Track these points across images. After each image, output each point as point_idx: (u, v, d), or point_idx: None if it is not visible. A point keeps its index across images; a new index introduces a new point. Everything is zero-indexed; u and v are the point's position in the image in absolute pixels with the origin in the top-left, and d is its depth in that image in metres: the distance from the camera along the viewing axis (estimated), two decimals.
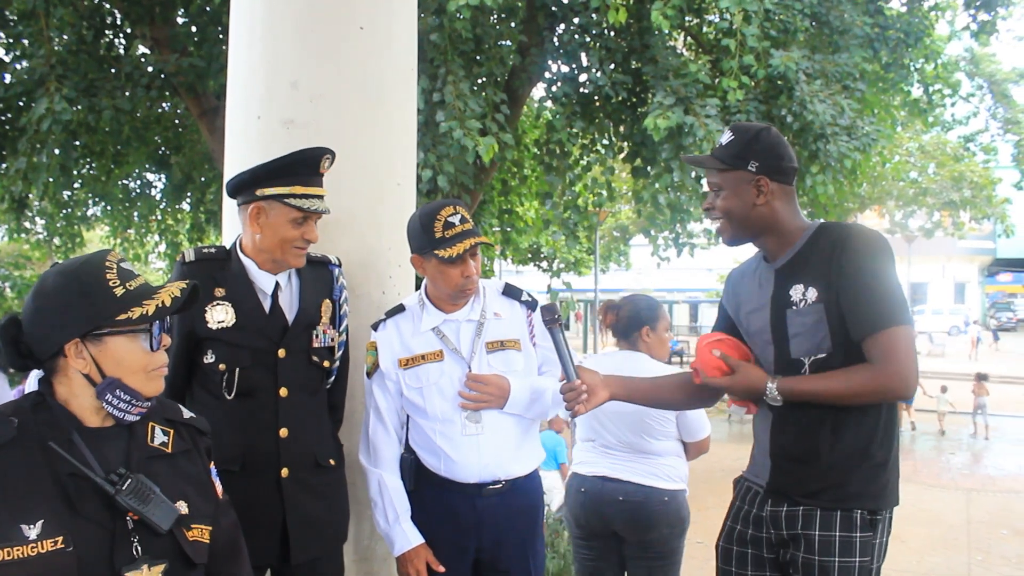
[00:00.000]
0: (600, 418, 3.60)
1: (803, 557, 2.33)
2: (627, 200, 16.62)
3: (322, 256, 2.81)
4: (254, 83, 3.03)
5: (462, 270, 2.68)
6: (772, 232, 2.43)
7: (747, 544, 2.50)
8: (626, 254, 24.96)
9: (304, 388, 2.66)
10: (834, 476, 2.30)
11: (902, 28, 9.15)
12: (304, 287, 2.70)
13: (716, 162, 2.44)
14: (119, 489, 1.68)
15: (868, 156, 8.31)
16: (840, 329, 2.27)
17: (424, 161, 6.84)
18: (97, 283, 1.73)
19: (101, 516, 1.68)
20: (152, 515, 1.70)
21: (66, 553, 1.61)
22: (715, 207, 2.47)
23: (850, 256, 2.26)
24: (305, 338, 2.66)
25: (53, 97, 6.88)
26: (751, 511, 2.49)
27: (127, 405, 1.75)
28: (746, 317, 2.54)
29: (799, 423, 2.35)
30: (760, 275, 2.52)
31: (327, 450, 2.72)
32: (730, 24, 7.50)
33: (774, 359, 2.42)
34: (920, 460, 12.44)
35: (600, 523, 3.63)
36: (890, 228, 28.35)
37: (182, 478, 1.85)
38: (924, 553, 7.55)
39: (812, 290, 2.31)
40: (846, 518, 2.30)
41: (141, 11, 7.85)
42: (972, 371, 17.94)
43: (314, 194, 2.57)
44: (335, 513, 2.74)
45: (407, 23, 3.25)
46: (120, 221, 12.43)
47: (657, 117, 7.08)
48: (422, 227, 2.69)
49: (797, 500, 2.36)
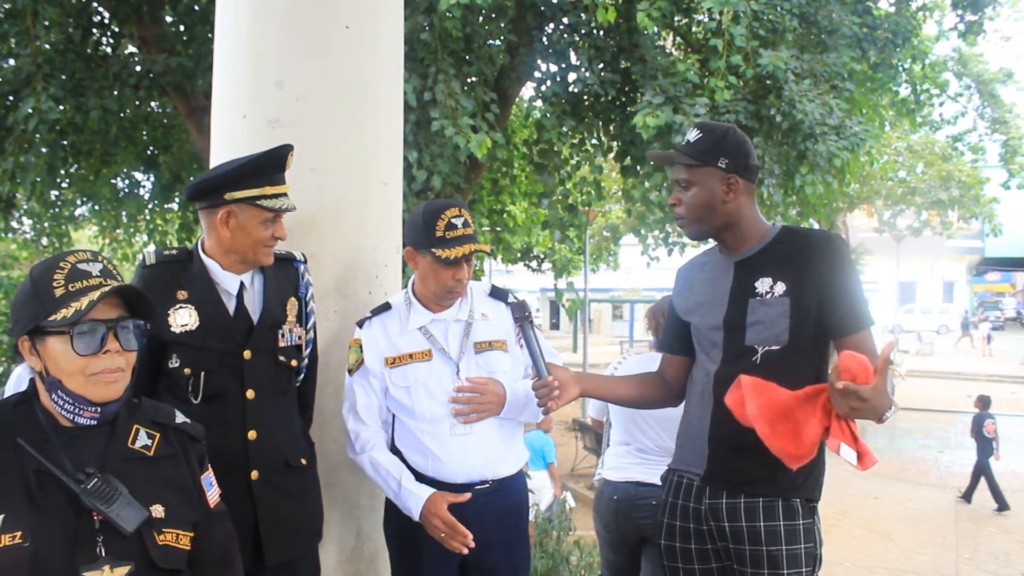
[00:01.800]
0: (639, 422, 3.62)
1: (750, 549, 2.39)
2: (617, 199, 16.64)
3: (287, 253, 2.77)
4: (240, 82, 3.02)
5: (455, 273, 2.69)
6: (735, 227, 2.52)
7: (689, 538, 2.54)
8: (615, 254, 24.98)
9: (272, 389, 2.63)
10: (774, 465, 2.33)
11: (890, 28, 9.18)
12: (268, 286, 2.66)
13: (686, 158, 2.50)
14: (83, 487, 1.67)
15: (856, 155, 8.33)
16: (799, 325, 2.37)
17: (418, 161, 6.83)
18: (44, 282, 1.73)
19: (65, 514, 1.68)
20: (116, 515, 1.69)
21: (22, 548, 1.61)
22: (682, 202, 2.54)
23: (834, 261, 2.38)
24: (271, 338, 2.62)
25: (40, 96, 6.85)
26: (688, 505, 2.54)
27: (73, 407, 1.74)
28: (697, 306, 2.60)
29: (733, 419, 2.37)
30: (715, 267, 2.60)
31: (298, 450, 2.69)
32: (718, 24, 7.51)
33: (722, 346, 2.48)
34: (907, 459, 12.49)
35: (632, 528, 3.63)
36: (879, 227, 28.44)
37: (162, 482, 1.83)
38: (912, 551, 7.59)
39: (780, 284, 2.40)
40: (788, 507, 2.39)
41: (129, 10, 7.82)
42: (981, 371, 17.93)
43: (282, 192, 2.55)
44: (308, 513, 2.71)
45: (393, 23, 3.25)
46: (108, 221, 12.36)
47: (646, 115, 7.09)
48: (424, 223, 2.69)
49: (737, 488, 2.42)
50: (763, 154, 7.77)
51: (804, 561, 2.38)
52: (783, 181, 8.24)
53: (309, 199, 2.96)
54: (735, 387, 2.33)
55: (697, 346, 2.62)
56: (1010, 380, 23.59)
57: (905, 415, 15.92)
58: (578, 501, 8.72)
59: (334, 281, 3.01)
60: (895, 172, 21.90)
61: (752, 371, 2.38)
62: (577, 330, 31.06)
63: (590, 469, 10.45)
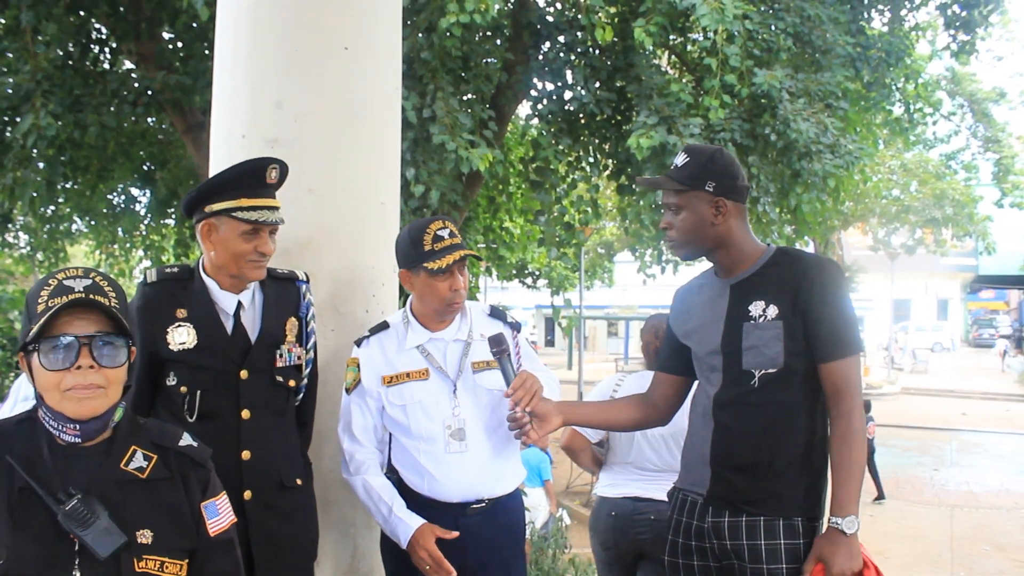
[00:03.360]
0: (640, 442, 3.61)
1: (751, 567, 2.39)
2: (612, 217, 16.67)
3: (289, 272, 2.77)
4: (239, 102, 3.04)
5: (450, 283, 2.69)
6: (726, 247, 2.53)
7: (692, 555, 2.54)
8: (610, 271, 25.00)
9: (268, 408, 2.62)
10: (775, 485, 2.39)
11: (883, 48, 9.25)
12: (268, 305, 2.65)
13: (674, 183, 2.52)
14: (62, 509, 1.65)
15: (851, 174, 8.38)
16: (793, 348, 2.39)
17: (416, 176, 6.85)
18: (32, 299, 1.74)
19: (45, 534, 1.67)
20: (91, 540, 1.66)
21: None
22: (673, 226, 2.56)
23: (823, 285, 2.39)
24: (268, 358, 2.62)
25: (39, 113, 6.87)
26: (691, 523, 2.54)
27: (57, 424, 1.73)
28: (695, 330, 2.61)
29: (741, 434, 2.43)
30: (711, 290, 2.61)
31: (293, 470, 2.67)
32: (713, 43, 7.56)
33: (722, 370, 2.49)
34: (903, 476, 12.48)
35: (629, 545, 3.61)
36: (873, 245, 28.49)
37: (154, 507, 1.79)
38: (907, 569, 7.58)
39: (773, 307, 2.42)
40: (789, 527, 2.39)
41: (127, 27, 7.85)
42: (975, 389, 17.95)
43: (263, 205, 2.51)
44: (302, 533, 2.70)
45: (391, 43, 3.27)
46: (104, 236, 12.37)
47: (640, 136, 7.13)
48: (411, 241, 2.70)
49: (739, 508, 2.43)
50: (758, 172, 7.81)
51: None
52: (778, 199, 8.27)
53: (307, 218, 2.97)
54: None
55: (697, 369, 2.64)
56: (1004, 398, 23.63)
57: (900, 433, 15.93)
58: (574, 519, 8.69)
59: (331, 300, 3.02)
60: (889, 190, 21.99)
61: (751, 395, 2.42)
62: (572, 347, 31.04)
63: (585, 487, 10.43)
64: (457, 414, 2.74)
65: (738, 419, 2.44)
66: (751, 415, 2.42)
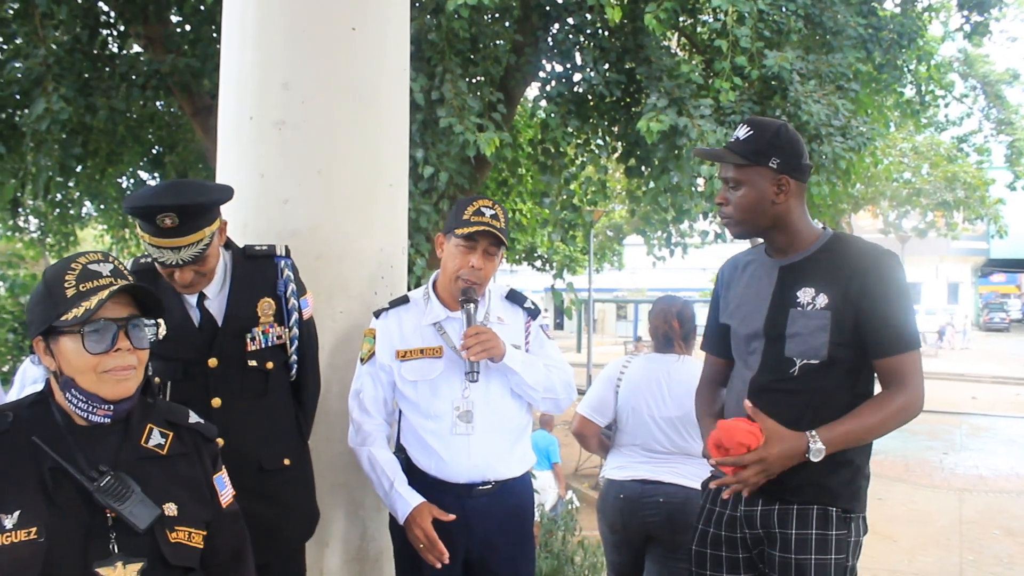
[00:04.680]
0: (649, 424, 3.60)
1: (779, 556, 2.35)
2: (621, 199, 16.63)
3: (267, 248, 2.71)
4: (246, 84, 3.04)
5: (471, 258, 2.69)
6: (783, 227, 2.43)
7: (720, 546, 2.50)
8: (620, 253, 24.95)
9: (243, 395, 2.59)
10: (812, 475, 2.30)
11: (895, 29, 9.16)
12: (236, 290, 2.60)
13: (736, 157, 2.40)
14: (97, 485, 1.70)
15: (862, 157, 8.32)
16: (839, 339, 2.30)
17: (424, 158, 6.84)
18: (56, 284, 1.76)
19: (79, 511, 1.71)
20: (128, 513, 1.71)
21: (36, 543, 1.64)
22: (729, 202, 2.44)
23: (880, 278, 2.30)
24: (238, 344, 2.58)
25: (50, 97, 6.88)
26: (723, 512, 2.49)
27: (87, 406, 1.76)
28: (736, 310, 2.53)
29: (778, 422, 2.33)
30: (760, 269, 2.51)
31: (277, 452, 2.65)
32: (723, 24, 7.50)
33: (762, 354, 2.41)
34: (912, 460, 12.45)
35: (638, 527, 3.60)
36: (884, 228, 28.40)
37: (176, 481, 1.85)
38: (915, 553, 7.57)
39: (823, 296, 2.32)
40: (822, 515, 2.34)
41: (135, 10, 7.83)
42: (986, 373, 17.83)
43: (162, 246, 2.36)
44: (287, 515, 2.67)
45: (399, 24, 3.26)
46: (115, 220, 12.40)
47: (650, 120, 7.09)
48: (457, 208, 2.75)
49: (772, 496, 2.37)
50: None
51: (833, 571, 2.33)
52: None
53: (315, 200, 2.98)
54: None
55: (734, 351, 2.56)
56: (1014, 382, 23.52)
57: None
58: (582, 501, 8.71)
59: (340, 282, 3.03)
60: (900, 173, 21.87)
61: (789, 383, 2.35)
62: (581, 330, 31.02)
63: (594, 469, 10.44)
64: (467, 395, 2.73)
65: (775, 408, 2.33)
66: (789, 403, 2.34)
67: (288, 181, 2.94)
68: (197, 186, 2.49)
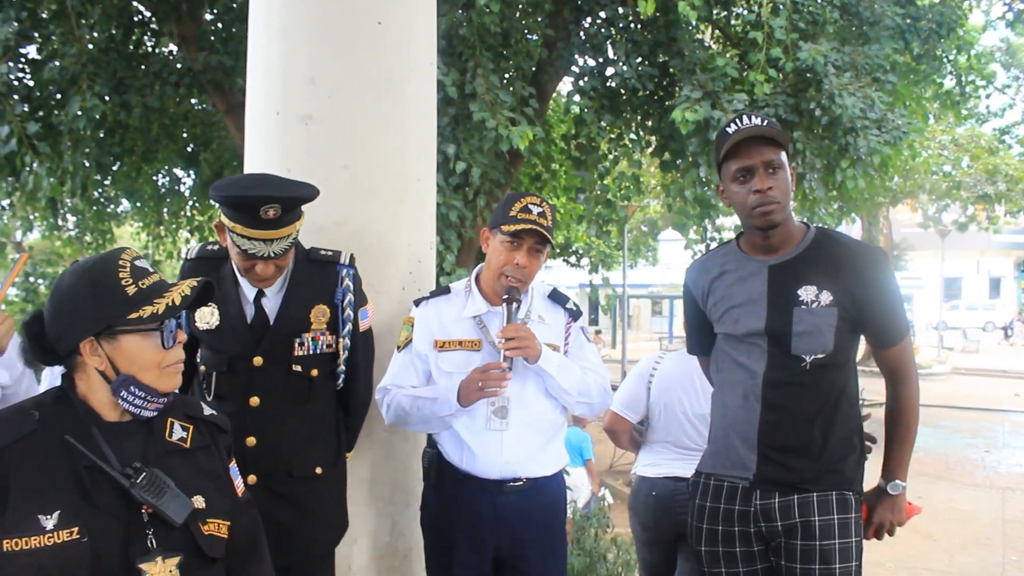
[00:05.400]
0: (682, 421, 3.56)
1: (802, 544, 2.38)
2: (656, 195, 16.53)
3: (332, 254, 2.72)
4: (272, 79, 3.04)
5: (516, 256, 2.67)
6: (785, 221, 2.45)
7: (733, 542, 2.50)
8: (654, 249, 24.86)
9: (284, 398, 2.58)
10: (830, 463, 2.41)
11: (934, 18, 8.99)
12: (293, 293, 2.61)
13: (781, 138, 2.40)
14: (133, 482, 1.70)
15: (899, 150, 8.18)
16: (843, 334, 2.39)
17: (456, 154, 6.83)
18: (109, 282, 1.75)
19: (116, 508, 1.71)
20: (166, 508, 1.72)
21: (81, 543, 1.64)
22: (774, 187, 2.39)
23: (877, 272, 2.41)
24: (286, 346, 2.58)
25: (85, 95, 6.96)
26: (733, 508, 2.49)
27: (142, 401, 1.77)
28: (727, 313, 2.52)
29: (795, 416, 2.41)
30: (742, 271, 2.51)
31: (310, 460, 2.64)
32: (757, 16, 7.41)
33: (767, 354, 2.43)
34: (953, 458, 12.25)
35: (670, 525, 3.55)
36: (923, 222, 27.99)
37: (200, 473, 1.87)
38: (956, 552, 7.44)
39: (827, 293, 2.38)
40: (842, 500, 2.41)
41: (168, 9, 7.90)
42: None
43: (257, 237, 2.41)
44: (312, 522, 2.65)
45: (425, 17, 3.24)
46: (151, 217, 12.53)
47: (685, 110, 7.02)
48: (504, 203, 2.73)
49: (790, 488, 2.41)
50: (803, 148, 7.66)
51: (854, 554, 2.40)
52: (824, 176, 8.12)
53: (341, 195, 2.97)
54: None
55: (729, 348, 2.55)
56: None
57: (950, 413, 15.64)
58: (616, 498, 8.66)
59: (367, 278, 3.00)
60: (940, 166, 21.50)
61: (804, 376, 2.40)
62: (616, 326, 30.94)
63: (628, 466, 10.38)
64: (503, 391, 2.70)
65: (792, 401, 2.40)
66: (805, 396, 2.40)
67: (314, 176, 2.92)
68: (285, 181, 2.53)
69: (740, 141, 2.40)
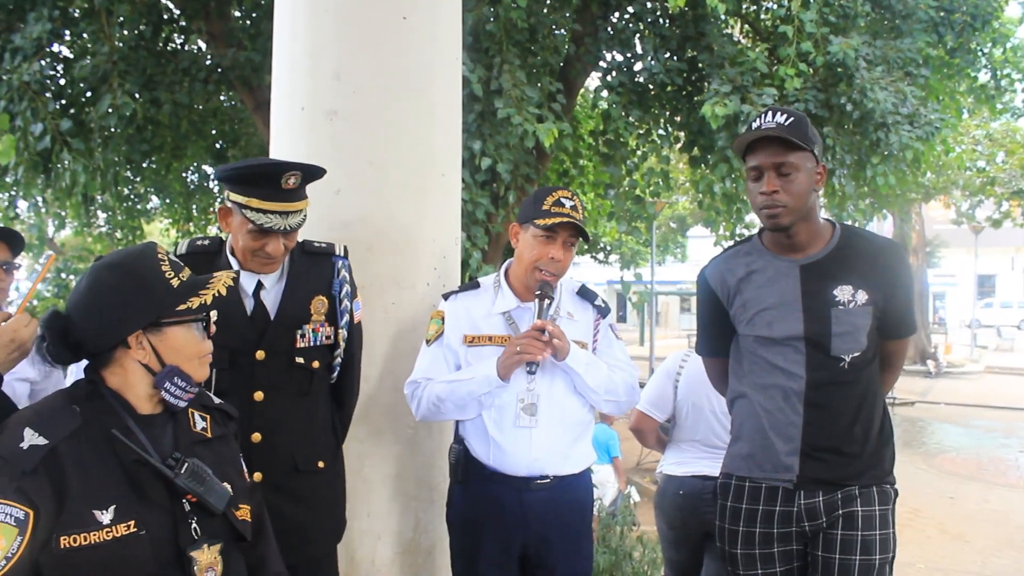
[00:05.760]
0: (710, 419, 3.52)
1: (843, 535, 2.39)
2: (684, 191, 16.45)
3: (326, 246, 2.69)
4: (298, 75, 3.04)
5: (550, 250, 2.66)
6: (809, 221, 2.43)
7: (772, 543, 2.48)
8: (683, 245, 24.74)
9: (286, 391, 2.56)
10: (872, 458, 2.44)
11: (969, 11, 8.85)
12: (292, 284, 2.58)
13: (795, 139, 2.34)
14: (177, 472, 1.74)
15: (932, 145, 8.07)
16: (873, 329, 2.41)
17: (482, 150, 6.82)
18: (156, 276, 1.79)
19: (163, 500, 1.74)
20: (209, 496, 1.77)
21: (140, 536, 1.68)
22: (782, 190, 2.36)
23: (901, 268, 2.48)
24: (288, 339, 2.55)
25: (116, 93, 7.02)
26: (773, 510, 2.47)
27: (182, 392, 1.81)
28: (759, 316, 2.47)
29: (839, 415, 2.41)
30: (771, 271, 2.47)
31: (313, 453, 2.62)
32: (787, 10, 7.34)
33: (806, 356, 2.40)
34: (986, 458, 12.10)
35: (698, 524, 3.51)
36: (956, 219, 27.64)
37: (223, 461, 1.91)
38: (989, 554, 7.34)
39: (862, 293, 2.37)
40: (882, 493, 2.44)
41: (197, 6, 7.95)
42: None
43: (274, 210, 2.38)
44: (318, 517, 2.63)
45: (451, 12, 3.22)
46: (180, 214, 12.64)
47: (714, 105, 6.97)
48: (534, 199, 2.72)
49: (834, 485, 2.41)
50: (834, 144, 7.59)
51: (891, 545, 2.42)
52: (855, 172, 8.02)
53: (366, 191, 2.97)
54: None
55: (762, 351, 2.49)
56: None
57: (984, 413, 15.45)
58: (643, 496, 8.61)
59: (392, 273, 3.00)
60: (973, 161, 21.18)
61: (845, 375, 2.40)
62: (644, 323, 30.84)
63: (655, 463, 10.33)
64: (532, 388, 2.69)
65: (833, 400, 2.40)
66: (846, 395, 2.41)
67: (340, 171, 2.92)
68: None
69: (755, 140, 2.39)
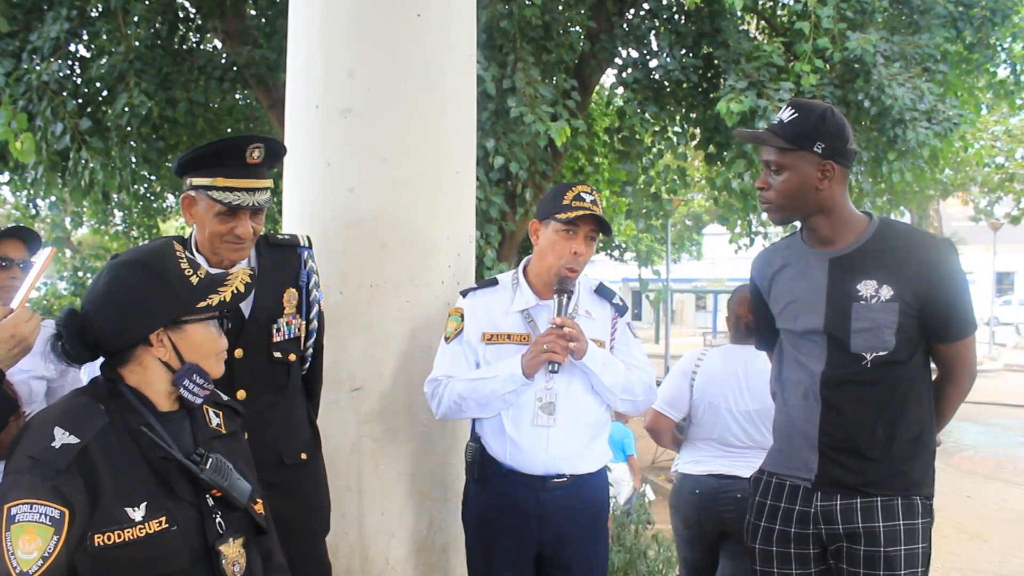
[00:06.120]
0: (726, 418, 3.51)
1: (865, 551, 2.32)
2: (700, 188, 16.39)
3: (289, 237, 2.67)
4: (312, 72, 3.04)
5: (573, 245, 2.66)
6: (828, 215, 2.39)
7: (789, 543, 2.45)
8: (699, 243, 24.65)
9: (267, 387, 2.55)
10: (895, 466, 2.33)
11: (988, 6, 8.74)
12: (262, 279, 2.53)
13: (780, 140, 2.34)
14: (203, 468, 1.76)
15: (950, 142, 8.00)
16: (905, 330, 2.29)
17: (496, 148, 6.80)
18: (176, 273, 1.81)
19: (189, 495, 1.77)
20: (233, 491, 1.80)
21: (172, 532, 1.70)
22: (770, 187, 2.39)
23: (946, 267, 2.31)
24: (264, 334, 2.53)
25: (132, 92, 7.05)
26: (793, 508, 2.44)
27: (199, 389, 1.83)
28: (788, 308, 2.47)
29: (857, 416, 2.34)
30: (804, 263, 2.46)
31: (296, 446, 2.62)
32: (804, 5, 7.29)
33: (826, 350, 2.37)
34: (1003, 457, 12.00)
35: (713, 523, 3.52)
36: (974, 215, 27.44)
37: (237, 455, 1.94)
38: (1008, 554, 7.28)
39: (887, 288, 2.29)
40: (908, 506, 2.33)
41: (213, 5, 7.96)
42: None
43: (241, 187, 2.33)
44: (306, 509, 2.63)
45: (465, 9, 3.22)
46: None
47: (730, 101, 6.93)
48: (553, 194, 2.72)
49: (852, 490, 2.35)
50: None
51: (920, 560, 2.34)
52: (872, 168, 7.96)
53: (380, 188, 2.97)
54: None
55: (790, 346, 2.50)
56: None
57: (1002, 411, 15.32)
58: (658, 494, 8.60)
59: (406, 271, 3.01)
60: (992, 158, 21.02)
61: (865, 375, 2.33)
62: (660, 321, 30.77)
63: (670, 462, 10.31)
64: (550, 387, 2.69)
65: (852, 401, 2.35)
66: (866, 396, 2.34)
67: (354, 169, 2.93)
68: None
69: (761, 136, 2.44)
